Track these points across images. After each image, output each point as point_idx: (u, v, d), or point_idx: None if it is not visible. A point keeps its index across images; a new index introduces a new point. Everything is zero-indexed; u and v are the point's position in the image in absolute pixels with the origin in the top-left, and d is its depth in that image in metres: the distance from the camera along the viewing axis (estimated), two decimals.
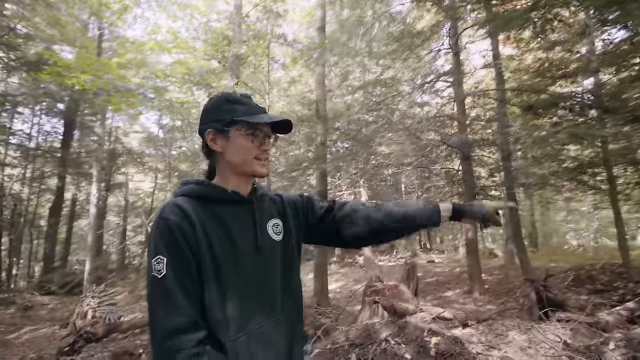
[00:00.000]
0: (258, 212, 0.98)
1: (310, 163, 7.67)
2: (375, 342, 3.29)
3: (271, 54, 7.86)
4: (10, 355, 5.05)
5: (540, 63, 8.05)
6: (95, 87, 7.56)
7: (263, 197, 1.04)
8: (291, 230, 1.05)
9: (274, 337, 0.92)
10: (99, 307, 5.81)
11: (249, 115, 0.93)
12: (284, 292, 0.98)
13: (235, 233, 0.92)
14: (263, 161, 0.97)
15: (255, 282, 0.92)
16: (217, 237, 0.88)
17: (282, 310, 0.96)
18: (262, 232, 0.98)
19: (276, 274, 0.98)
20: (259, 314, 0.91)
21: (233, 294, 0.87)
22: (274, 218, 1.03)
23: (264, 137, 0.96)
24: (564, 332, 3.75)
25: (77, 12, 9.28)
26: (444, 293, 7.36)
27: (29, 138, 15.32)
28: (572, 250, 15.37)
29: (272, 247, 0.98)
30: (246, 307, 0.89)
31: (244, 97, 0.99)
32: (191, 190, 0.94)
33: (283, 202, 1.09)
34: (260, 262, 0.94)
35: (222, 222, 0.91)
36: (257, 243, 0.94)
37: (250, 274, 0.91)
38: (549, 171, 7.96)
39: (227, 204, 0.94)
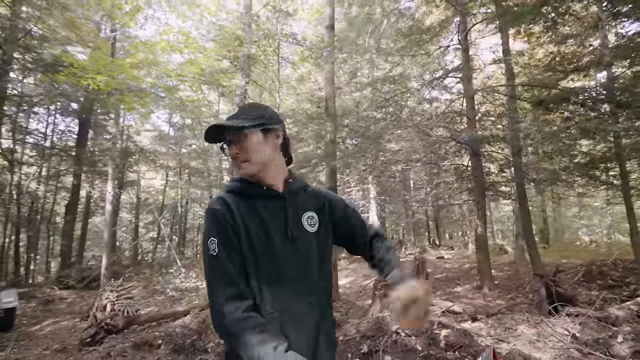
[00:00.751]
0: (291, 205, 1.08)
1: (320, 160, 7.75)
2: (386, 334, 3.38)
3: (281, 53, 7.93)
4: (35, 346, 5.28)
5: (551, 57, 7.97)
6: (109, 87, 7.75)
7: (298, 191, 1.13)
8: (327, 224, 1.15)
9: (306, 319, 1.03)
10: (117, 300, 6.03)
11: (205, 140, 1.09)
12: (319, 279, 1.09)
13: (269, 224, 1.03)
14: (239, 166, 1.06)
15: (289, 269, 1.02)
16: (254, 227, 1.01)
17: (316, 295, 1.07)
18: (296, 224, 1.07)
19: (312, 262, 1.08)
20: (294, 297, 1.02)
21: (268, 277, 0.99)
22: (309, 211, 1.12)
23: (226, 146, 1.07)
24: (572, 326, 3.79)
25: (90, 13, 9.48)
26: (453, 288, 7.40)
27: (44, 137, 15.72)
28: (585, 247, 15.19)
29: (306, 238, 1.08)
30: (281, 290, 1.00)
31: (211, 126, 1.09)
32: (234, 187, 1.08)
33: (322, 197, 1.18)
34: (293, 251, 1.04)
35: (259, 214, 1.03)
36: (289, 233, 1.04)
37: (284, 261, 1.02)
38: (560, 167, 7.90)
39: (263, 198, 1.06)
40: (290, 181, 1.12)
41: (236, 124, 1.04)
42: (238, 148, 1.04)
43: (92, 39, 8.90)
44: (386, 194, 16.23)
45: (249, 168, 1.04)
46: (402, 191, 17.16)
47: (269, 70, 8.62)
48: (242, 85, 6.55)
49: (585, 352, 3.21)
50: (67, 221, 13.98)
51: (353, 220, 1.22)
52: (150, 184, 22.60)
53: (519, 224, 11.28)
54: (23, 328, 6.38)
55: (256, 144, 1.05)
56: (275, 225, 1.04)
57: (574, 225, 19.27)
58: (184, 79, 9.84)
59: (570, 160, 7.51)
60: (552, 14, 6.38)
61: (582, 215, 18.62)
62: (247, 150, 1.04)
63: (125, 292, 6.49)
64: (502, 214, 23.03)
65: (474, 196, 7.86)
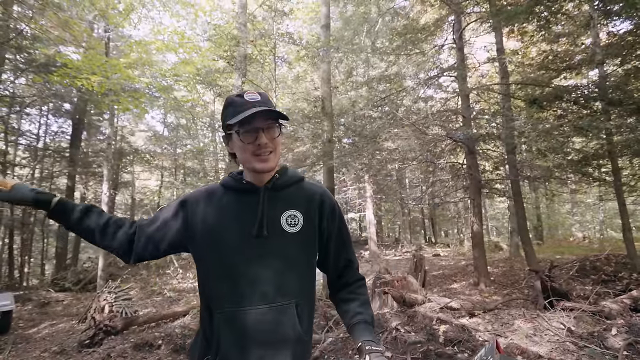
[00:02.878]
0: (268, 201, 1.01)
1: (317, 159, 7.77)
2: (386, 330, 3.42)
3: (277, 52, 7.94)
4: (33, 349, 5.24)
5: (544, 56, 8.07)
6: (103, 88, 7.69)
7: (282, 187, 1.05)
8: (314, 225, 1.05)
9: (272, 320, 0.94)
10: (115, 302, 6.00)
11: (235, 115, 0.95)
12: (292, 283, 0.99)
13: (239, 219, 0.99)
14: (262, 156, 0.97)
15: (250, 267, 0.96)
16: (225, 219, 1.00)
17: (289, 299, 0.97)
18: (271, 222, 0.99)
19: (286, 264, 0.99)
20: (257, 296, 0.94)
21: (229, 271, 0.96)
22: (291, 209, 1.02)
23: (257, 131, 0.95)
24: (568, 320, 3.86)
25: (84, 13, 9.40)
26: (450, 285, 7.48)
27: (37, 138, 15.56)
28: (578, 243, 15.40)
29: (282, 238, 0.99)
30: (241, 287, 0.95)
31: (237, 96, 1.01)
32: (223, 180, 1.09)
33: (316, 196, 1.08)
34: (260, 248, 0.97)
35: (233, 207, 1.02)
36: (258, 231, 0.97)
37: (250, 257, 0.96)
38: (553, 164, 8.01)
39: (241, 193, 1.03)
40: (276, 176, 1.04)
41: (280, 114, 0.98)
42: (268, 138, 0.97)
43: (86, 39, 8.81)
44: (382, 193, 16.29)
45: (272, 162, 0.99)
46: (398, 190, 17.24)
47: (265, 69, 8.62)
48: (238, 85, 6.54)
49: (580, 345, 3.28)
50: None
51: (335, 236, 1.10)
52: (145, 184, 22.45)
53: (513, 221, 11.42)
54: (20, 331, 6.33)
55: (280, 139, 1.02)
56: (245, 220, 0.99)
57: (567, 222, 19.52)
58: (179, 78, 9.81)
59: (563, 157, 7.62)
60: (545, 13, 6.46)
61: (575, 212, 18.86)
62: (277, 143, 1.00)
63: (123, 293, 6.45)
64: (497, 211, 23.26)
65: (469, 194, 7.95)
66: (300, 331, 0.97)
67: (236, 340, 0.93)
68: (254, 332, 0.93)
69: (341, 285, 1.14)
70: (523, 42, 8.80)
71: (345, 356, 3.44)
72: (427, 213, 22.32)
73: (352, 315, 1.04)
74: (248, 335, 0.93)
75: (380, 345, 0.97)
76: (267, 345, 0.93)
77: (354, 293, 1.11)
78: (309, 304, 1.04)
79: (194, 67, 9.00)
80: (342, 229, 1.12)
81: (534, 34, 7.78)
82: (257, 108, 0.94)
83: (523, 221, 8.12)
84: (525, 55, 9.11)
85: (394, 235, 24.87)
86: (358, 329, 1.01)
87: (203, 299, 1.02)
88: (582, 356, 3.09)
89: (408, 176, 19.19)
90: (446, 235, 26.10)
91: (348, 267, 1.14)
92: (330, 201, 1.09)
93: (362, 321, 1.02)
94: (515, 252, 11.38)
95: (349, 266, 1.14)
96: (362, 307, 1.07)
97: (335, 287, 1.15)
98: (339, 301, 1.12)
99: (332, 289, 1.16)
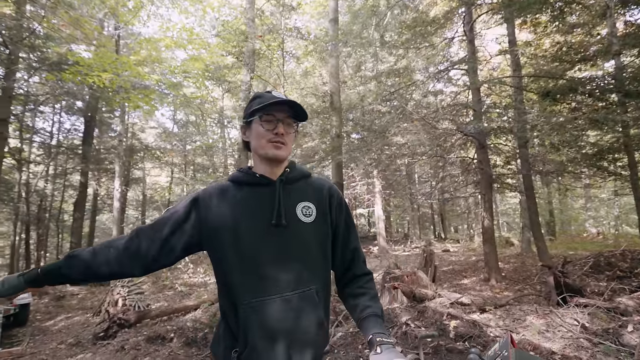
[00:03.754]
0: (283, 192, 1.06)
1: (326, 154, 7.76)
2: (395, 325, 3.42)
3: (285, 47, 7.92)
4: (50, 340, 5.38)
5: (558, 47, 7.86)
6: (114, 85, 7.79)
7: (294, 180, 1.11)
8: (326, 216, 1.10)
9: (296, 307, 0.98)
10: (128, 295, 6.12)
11: (261, 105, 1.04)
12: (314, 270, 1.04)
13: (256, 211, 1.03)
14: (276, 144, 1.04)
15: (271, 255, 1.00)
16: (241, 213, 1.03)
17: (310, 286, 1.01)
18: (288, 212, 1.04)
19: (302, 252, 1.03)
20: (274, 285, 0.98)
21: (252, 263, 0.99)
22: (305, 201, 1.08)
23: (277, 122, 1.04)
24: (582, 317, 3.80)
25: (94, 11, 9.50)
26: (460, 281, 7.41)
27: (50, 136, 15.87)
28: (592, 238, 15.10)
29: (299, 227, 1.04)
30: (264, 277, 0.98)
31: (266, 92, 1.11)
32: (232, 176, 1.13)
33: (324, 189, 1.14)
34: (279, 237, 1.01)
35: (248, 201, 1.05)
36: (276, 219, 1.01)
37: (266, 247, 1.00)
38: (567, 158, 7.84)
39: (255, 186, 1.08)
40: (287, 170, 1.11)
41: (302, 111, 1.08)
42: (285, 131, 1.05)
43: (97, 36, 8.91)
44: (391, 188, 16.20)
45: (284, 152, 1.06)
46: (407, 185, 17.13)
47: (273, 65, 8.61)
48: (246, 80, 6.55)
49: (595, 341, 3.23)
50: (75, 219, 14.15)
51: (342, 229, 1.14)
52: (156, 181, 22.76)
53: (525, 216, 11.25)
54: (37, 323, 6.51)
55: (294, 138, 1.11)
56: (262, 211, 1.03)
57: (580, 217, 19.14)
58: (188, 75, 9.87)
59: (577, 151, 7.44)
60: (559, 3, 6.30)
61: (589, 207, 18.47)
62: (291, 139, 1.08)
63: (136, 287, 6.58)
64: (508, 207, 22.94)
65: (480, 189, 7.84)
66: (322, 316, 1.03)
67: (264, 330, 0.95)
68: (280, 319, 0.96)
69: (348, 280, 1.15)
70: (536, 33, 8.59)
71: (355, 350, 3.45)
72: (436, 208, 22.14)
73: (362, 309, 1.05)
74: (275, 324, 0.96)
75: (390, 337, 0.98)
76: (293, 332, 0.97)
77: (362, 287, 1.11)
78: (326, 291, 1.08)
79: (202, 64, 9.03)
80: (348, 221, 1.16)
81: (548, 24, 7.58)
82: (276, 98, 1.04)
83: (535, 216, 7.99)
84: (538, 47, 8.89)
85: (402, 230, 24.77)
86: (368, 322, 1.01)
87: (224, 293, 1.03)
88: (597, 353, 3.04)
89: (417, 171, 19.04)
90: (456, 231, 25.89)
91: (355, 258, 1.15)
92: (337, 194, 1.16)
93: (372, 314, 1.02)
94: (526, 247, 11.22)
95: (356, 257, 1.16)
96: (371, 300, 1.07)
97: (342, 282, 1.16)
98: (348, 296, 1.13)
99: (340, 284, 1.17)
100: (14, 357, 4.49)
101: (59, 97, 13.44)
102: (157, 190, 21.20)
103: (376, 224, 15.33)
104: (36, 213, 14.54)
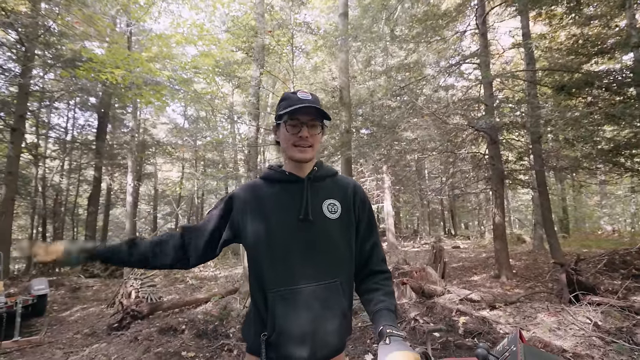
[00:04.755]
0: (311, 189, 1.13)
1: (335, 150, 7.74)
2: (404, 320, 3.42)
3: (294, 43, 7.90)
4: (66, 330, 5.55)
5: (574, 40, 7.65)
6: (127, 81, 7.91)
7: (321, 178, 1.18)
8: (350, 213, 1.16)
9: (322, 297, 1.05)
10: (141, 288, 6.26)
11: (286, 108, 1.09)
12: (335, 264, 1.10)
13: (286, 206, 1.11)
14: (300, 147, 1.10)
15: (298, 248, 1.07)
16: (269, 209, 1.11)
17: (334, 276, 1.08)
18: (314, 208, 1.11)
19: (328, 246, 1.09)
20: (301, 276, 1.05)
21: (280, 255, 1.06)
22: (331, 198, 1.15)
23: (301, 125, 1.09)
24: (594, 315, 3.74)
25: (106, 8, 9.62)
26: (470, 277, 7.36)
27: (65, 132, 16.21)
28: (606, 236, 14.77)
29: (325, 223, 1.11)
30: (292, 267, 1.06)
31: (292, 93, 1.14)
32: (263, 173, 1.21)
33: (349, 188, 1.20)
34: (306, 232, 1.08)
35: (278, 197, 1.13)
36: (303, 215, 1.09)
37: (294, 240, 1.07)
38: (582, 153, 7.67)
39: (284, 183, 1.15)
40: (315, 168, 1.17)
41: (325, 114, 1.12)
42: (309, 133, 1.10)
43: (109, 33, 9.04)
44: (401, 184, 16.11)
45: (309, 154, 1.12)
46: (417, 180, 17.00)
47: (282, 60, 8.60)
48: (256, 76, 6.56)
49: (607, 340, 3.18)
50: (89, 213, 14.48)
51: (364, 226, 1.19)
52: (167, 176, 23.08)
53: (537, 213, 11.06)
54: (54, 314, 6.71)
55: (320, 137, 1.16)
56: (291, 207, 1.10)
57: (595, 214, 18.73)
58: (199, 71, 9.94)
59: (593, 146, 7.26)
60: None
61: (604, 204, 18.05)
62: (316, 139, 1.13)
63: (148, 280, 6.72)
64: (520, 203, 22.60)
65: (491, 185, 7.74)
66: (345, 306, 1.09)
67: (291, 317, 1.02)
68: (306, 308, 1.03)
69: (365, 275, 1.18)
70: (551, 25, 8.37)
71: (363, 345, 3.47)
72: (446, 205, 21.95)
73: (375, 303, 1.08)
74: (301, 311, 1.02)
75: (401, 331, 0.99)
76: (318, 320, 1.03)
77: (378, 284, 1.14)
78: (350, 283, 1.15)
79: (213, 60, 9.08)
80: (370, 218, 1.22)
81: (564, 16, 7.38)
82: (296, 106, 1.07)
83: (548, 213, 7.85)
84: (553, 40, 8.67)
85: (412, 226, 24.63)
86: (380, 315, 1.03)
87: (255, 281, 1.10)
88: (609, 351, 3.00)
89: (427, 167, 18.87)
90: (466, 227, 25.63)
91: (374, 254, 1.19)
92: (361, 192, 1.23)
93: (384, 308, 1.05)
94: (539, 245, 11.05)
95: (375, 253, 1.19)
96: (386, 296, 1.10)
97: (360, 277, 1.18)
98: (364, 291, 1.16)
99: (357, 279, 1.20)
100: (33, 346, 4.65)
101: (73, 93, 13.69)
102: (169, 185, 21.51)
103: (385, 220, 15.28)
104: (52, 207, 14.91)
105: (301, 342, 1.01)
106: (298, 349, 1.01)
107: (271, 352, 1.03)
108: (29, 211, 15.02)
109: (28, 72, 10.15)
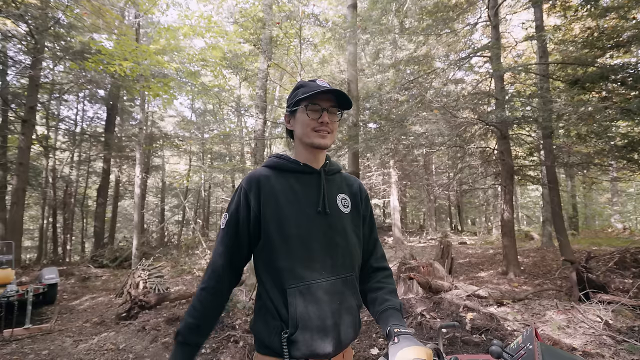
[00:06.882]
0: (326, 182, 1.11)
1: (342, 143, 7.69)
2: (411, 315, 3.40)
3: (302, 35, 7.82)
4: (76, 319, 5.65)
5: (589, 33, 7.45)
6: (135, 73, 7.92)
7: (333, 172, 1.17)
8: (358, 208, 1.17)
9: (340, 290, 1.03)
10: (149, 278, 6.33)
11: (306, 94, 1.05)
12: (350, 258, 1.08)
13: (302, 198, 1.06)
14: (321, 132, 1.06)
15: (317, 241, 1.03)
16: (285, 200, 1.05)
17: (349, 272, 1.07)
18: (330, 200, 1.09)
19: (345, 240, 1.08)
20: (320, 270, 1.02)
21: (294, 248, 1.01)
22: (343, 193, 1.15)
23: (321, 110, 1.06)
24: (605, 313, 3.68)
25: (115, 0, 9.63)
26: (477, 273, 7.30)
27: (74, 124, 16.39)
28: (617, 234, 14.53)
29: (339, 216, 1.09)
30: (307, 261, 1.01)
31: (310, 81, 1.12)
32: (271, 162, 1.13)
33: (355, 184, 1.22)
34: (324, 225, 1.05)
35: (292, 188, 1.07)
36: (322, 207, 1.06)
37: (313, 233, 1.03)
38: (594, 149, 7.50)
39: (299, 174, 1.10)
40: (327, 162, 1.16)
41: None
42: (330, 119, 1.07)
43: (117, 25, 9.04)
44: (408, 179, 16.00)
45: (329, 140, 1.09)
46: (424, 175, 16.87)
47: (290, 52, 8.52)
48: (264, 68, 6.51)
49: (618, 339, 3.12)
50: (98, 204, 14.66)
51: (367, 222, 1.21)
52: (175, 168, 23.26)
53: (546, 210, 10.91)
54: (64, 302, 6.83)
55: (337, 124, 1.13)
56: (308, 198, 1.07)
57: (605, 212, 18.43)
58: (206, 63, 9.92)
59: (606, 142, 7.10)
60: None
61: (616, 202, 17.74)
62: (336, 125, 1.11)
63: (156, 271, 6.79)
64: (529, 200, 22.34)
65: (500, 180, 7.63)
66: (360, 299, 1.10)
67: (313, 312, 0.99)
68: (325, 301, 1.00)
69: (367, 272, 1.19)
70: (566, 17, 8.16)
71: (369, 339, 3.46)
72: (453, 200, 21.77)
73: (380, 303, 1.08)
74: (323, 306, 1.00)
75: (408, 328, 0.99)
76: (339, 314, 1.02)
77: (380, 282, 1.15)
78: (358, 277, 1.15)
79: (220, 52, 9.05)
80: (372, 215, 1.25)
81: (579, 8, 7.18)
82: (321, 88, 1.05)
83: (558, 210, 7.72)
84: (568, 32, 8.45)
85: (418, 222, 24.53)
86: (387, 315, 1.03)
87: (269, 277, 1.03)
88: (620, 350, 2.94)
89: (435, 162, 18.71)
90: (473, 223, 25.44)
91: (375, 250, 1.22)
92: (365, 190, 1.25)
93: (390, 307, 1.05)
94: (547, 242, 10.92)
95: (376, 249, 1.22)
96: (390, 294, 1.11)
97: (361, 274, 1.18)
98: (367, 291, 1.15)
99: (360, 279, 1.18)
100: (43, 333, 4.74)
101: (82, 85, 13.79)
102: (176, 178, 21.67)
103: (391, 215, 15.22)
104: (62, 198, 15.14)
105: (325, 337, 0.98)
106: (323, 345, 0.98)
107: (295, 351, 0.97)
108: (39, 202, 15.28)
109: (38, 64, 10.23)
